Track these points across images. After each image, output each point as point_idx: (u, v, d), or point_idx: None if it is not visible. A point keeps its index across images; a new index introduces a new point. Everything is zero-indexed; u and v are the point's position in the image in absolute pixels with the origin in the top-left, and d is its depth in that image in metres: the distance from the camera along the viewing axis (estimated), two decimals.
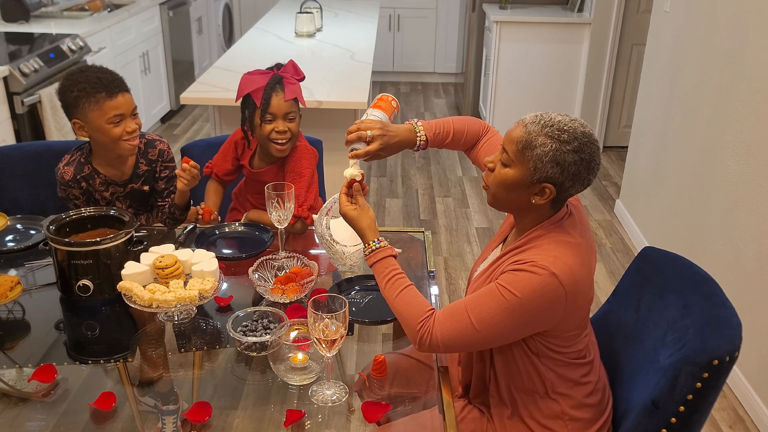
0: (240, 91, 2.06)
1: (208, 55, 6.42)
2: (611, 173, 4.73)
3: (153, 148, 2.13)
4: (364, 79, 3.30)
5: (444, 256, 3.63)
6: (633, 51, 4.80)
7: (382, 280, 1.47)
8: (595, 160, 1.40)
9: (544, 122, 1.39)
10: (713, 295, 1.48)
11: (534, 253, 1.40)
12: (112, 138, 1.96)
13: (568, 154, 1.37)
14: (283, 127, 2.05)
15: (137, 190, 2.11)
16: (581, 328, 1.48)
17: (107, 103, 1.93)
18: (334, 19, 4.78)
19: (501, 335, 1.39)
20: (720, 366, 1.34)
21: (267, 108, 2.03)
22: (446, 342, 1.38)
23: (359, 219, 1.54)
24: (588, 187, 1.44)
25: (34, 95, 3.35)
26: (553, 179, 1.39)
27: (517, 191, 1.43)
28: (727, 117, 2.75)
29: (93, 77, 1.94)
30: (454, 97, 6.43)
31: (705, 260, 2.86)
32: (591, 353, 1.54)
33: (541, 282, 1.34)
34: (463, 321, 1.37)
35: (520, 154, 1.40)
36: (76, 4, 4.70)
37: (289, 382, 1.45)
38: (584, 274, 1.40)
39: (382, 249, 1.50)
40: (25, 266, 1.88)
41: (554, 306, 1.36)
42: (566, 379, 1.49)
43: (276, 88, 2.04)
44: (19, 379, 1.47)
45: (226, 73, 3.33)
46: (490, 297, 1.37)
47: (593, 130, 1.42)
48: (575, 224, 1.47)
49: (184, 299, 1.55)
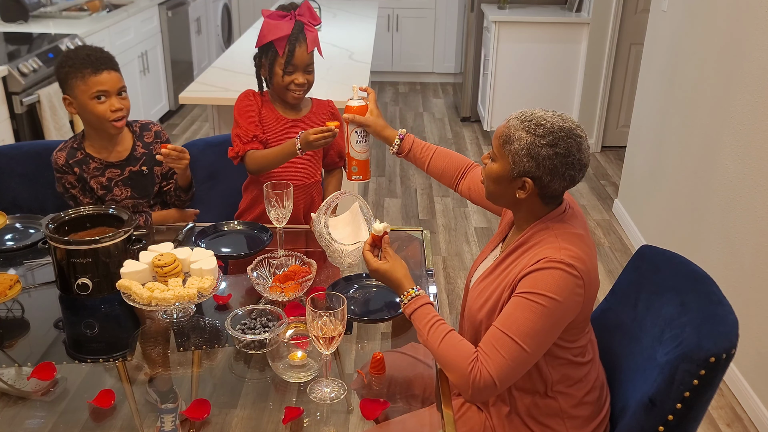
0: (262, 37, 2.03)
1: (207, 55, 6.42)
2: (609, 173, 4.74)
3: (148, 131, 2.15)
4: (363, 78, 3.30)
5: (443, 255, 3.64)
6: (631, 50, 4.81)
7: (424, 327, 1.45)
8: (573, 154, 1.40)
9: (525, 117, 1.42)
10: (710, 293, 1.49)
11: (542, 249, 1.41)
12: (96, 116, 1.98)
13: (542, 148, 1.39)
14: (302, 80, 2.07)
15: (136, 172, 2.11)
16: (587, 321, 1.50)
17: (91, 78, 1.95)
18: (332, 19, 4.79)
19: (544, 343, 1.39)
20: (717, 363, 1.35)
21: (291, 60, 2.02)
22: (500, 375, 1.35)
23: (394, 270, 1.52)
24: (574, 184, 1.44)
25: (33, 95, 3.36)
26: (531, 173, 1.41)
27: (503, 185, 1.46)
28: (724, 116, 2.76)
29: (83, 54, 1.98)
30: (452, 97, 6.44)
31: (702, 258, 2.86)
32: (591, 352, 1.55)
33: (563, 275, 1.36)
34: (508, 345, 1.36)
35: (502, 148, 1.44)
36: (75, 5, 4.71)
37: (288, 379, 1.45)
38: (593, 263, 1.43)
39: (420, 297, 1.49)
40: (25, 265, 1.88)
41: (578, 296, 1.38)
42: (566, 378, 1.50)
43: (299, 39, 2.02)
44: (18, 377, 1.47)
45: (224, 73, 3.33)
46: (524, 310, 1.37)
47: (581, 127, 1.45)
48: (575, 218, 1.48)
49: (183, 297, 1.56)
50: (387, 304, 1.70)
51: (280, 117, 2.15)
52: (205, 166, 2.41)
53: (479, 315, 1.50)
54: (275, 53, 2.03)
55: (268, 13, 2.04)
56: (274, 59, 2.04)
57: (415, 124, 5.71)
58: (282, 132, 2.14)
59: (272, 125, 2.14)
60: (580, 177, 1.44)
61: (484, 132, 5.42)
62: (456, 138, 5.38)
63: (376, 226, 1.56)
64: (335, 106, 2.26)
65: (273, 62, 2.05)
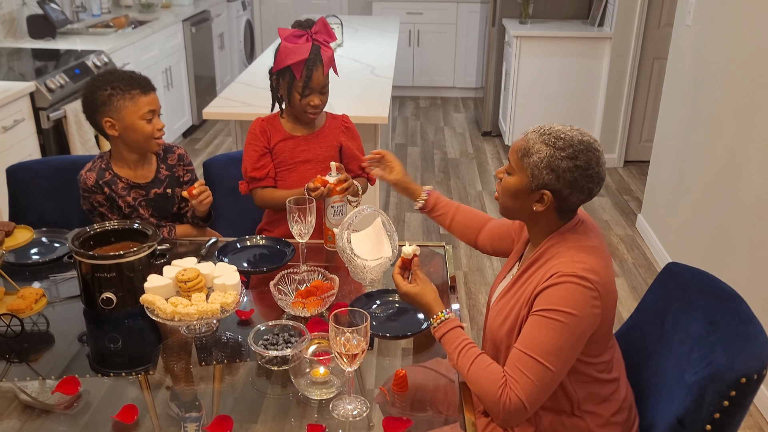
0: (280, 61, 2.06)
1: (229, 70, 6.49)
2: (633, 188, 4.70)
3: (172, 153, 2.20)
4: (385, 93, 3.31)
5: (464, 270, 3.62)
6: (654, 65, 4.77)
7: (454, 351, 1.45)
8: (592, 168, 1.40)
9: (543, 131, 1.43)
10: (739, 312, 1.46)
11: (554, 263, 1.41)
12: (144, 135, 2.03)
13: (562, 160, 1.39)
14: (318, 101, 2.10)
15: (160, 194, 2.14)
16: (609, 334, 1.48)
17: (141, 99, 2.02)
18: (354, 34, 4.81)
19: (568, 360, 1.38)
20: (747, 384, 1.32)
21: (308, 84, 2.06)
22: (529, 397, 1.34)
23: (424, 293, 1.52)
24: (591, 197, 1.44)
25: (59, 110, 3.41)
26: (550, 186, 1.41)
27: (521, 199, 1.46)
28: (750, 130, 2.72)
29: (125, 76, 2.04)
30: (473, 112, 6.43)
31: (729, 276, 2.81)
32: (616, 370, 1.53)
33: (578, 289, 1.35)
34: (533, 366, 1.35)
35: (520, 161, 1.44)
36: (102, 21, 4.79)
37: (310, 396, 1.45)
38: (608, 274, 1.42)
39: (450, 320, 1.48)
40: (50, 279, 1.90)
41: (594, 308, 1.37)
42: (593, 396, 1.47)
43: (316, 63, 2.05)
44: (42, 390, 1.48)
45: (247, 89, 3.36)
46: (543, 328, 1.36)
47: (597, 141, 1.45)
48: (588, 230, 1.47)
49: (206, 312, 1.56)
50: (409, 319, 1.69)
51: (295, 134, 2.19)
52: (227, 181, 2.43)
53: (500, 333, 1.50)
54: (293, 77, 2.06)
55: (285, 35, 2.06)
56: (291, 83, 2.08)
57: (436, 138, 5.71)
58: (296, 147, 2.18)
59: (286, 142, 2.18)
60: (597, 190, 1.44)
61: (505, 146, 5.40)
62: (477, 152, 5.37)
63: (406, 248, 1.56)
64: (349, 120, 2.27)
65: (291, 86, 2.08)
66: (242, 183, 2.21)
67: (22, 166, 2.40)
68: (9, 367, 1.56)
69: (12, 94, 3.13)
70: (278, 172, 2.19)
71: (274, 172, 2.19)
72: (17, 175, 2.37)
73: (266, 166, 2.17)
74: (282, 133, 2.18)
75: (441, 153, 5.38)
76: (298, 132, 2.19)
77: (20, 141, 3.22)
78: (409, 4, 6.61)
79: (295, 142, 2.18)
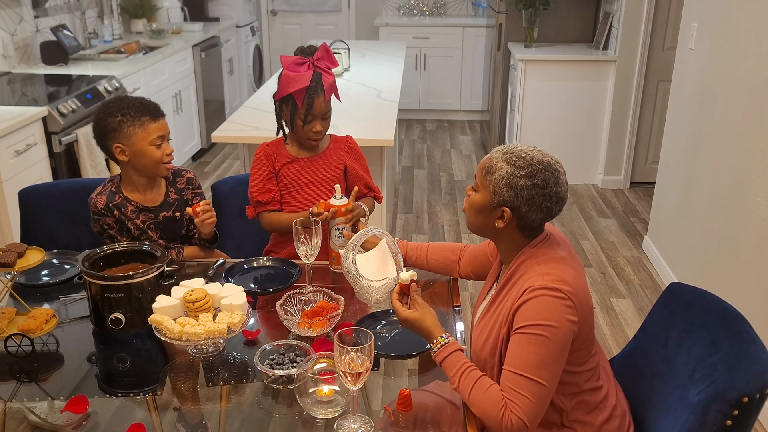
0: (282, 89, 2.10)
1: (238, 94, 6.57)
2: (639, 209, 4.70)
3: (181, 177, 2.23)
4: (391, 116, 3.35)
5: (470, 291, 3.63)
6: (659, 87, 4.81)
7: (455, 375, 1.47)
8: (550, 186, 1.45)
9: (507, 150, 1.49)
10: (742, 332, 1.47)
11: (526, 279, 1.45)
12: (153, 160, 2.07)
13: (521, 178, 1.44)
14: (320, 127, 2.15)
15: (169, 218, 2.17)
16: (590, 341, 1.51)
17: (151, 125, 2.05)
18: (361, 59, 4.88)
19: (557, 371, 1.41)
20: (750, 403, 1.32)
21: (310, 111, 2.09)
22: (529, 416, 1.37)
23: (423, 319, 1.54)
24: (551, 216, 1.48)
25: (71, 134, 3.47)
26: (509, 203, 1.46)
27: (483, 215, 1.51)
28: (754, 152, 2.74)
29: (135, 103, 2.07)
30: (480, 134, 6.47)
31: (734, 296, 2.81)
32: (603, 377, 1.54)
33: (549, 300, 1.39)
34: (526, 385, 1.38)
35: (484, 178, 1.49)
36: (113, 47, 4.87)
37: (315, 415, 1.46)
38: (578, 282, 1.45)
39: (450, 344, 1.51)
40: (60, 300, 1.93)
41: (570, 316, 1.40)
42: (581, 405, 1.49)
43: (317, 91, 2.09)
44: (51, 411, 1.50)
45: (255, 113, 3.41)
46: (526, 344, 1.39)
47: (559, 162, 1.51)
48: (555, 243, 1.52)
49: (213, 332, 1.58)
50: (414, 340, 1.70)
51: (299, 156, 2.23)
52: (235, 203, 2.46)
53: (483, 353, 1.54)
54: (294, 104, 2.10)
55: (286, 63, 2.11)
56: (293, 110, 2.12)
57: (442, 161, 5.75)
58: (301, 169, 2.22)
59: (291, 165, 2.22)
60: (557, 210, 1.49)
61: None
62: None
63: (403, 275, 1.58)
64: (353, 141, 2.31)
65: (293, 113, 2.13)
66: (249, 207, 2.25)
67: (34, 189, 2.45)
68: (19, 387, 1.58)
69: (25, 118, 3.19)
70: (284, 194, 2.23)
71: (279, 195, 2.22)
72: (29, 198, 2.41)
73: (272, 190, 2.21)
74: (287, 157, 2.22)
75: (447, 175, 5.41)
76: (302, 154, 2.23)
77: (32, 164, 3.28)
78: (415, 29, 6.69)
79: (300, 165, 2.22)
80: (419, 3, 7.05)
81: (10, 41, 4.16)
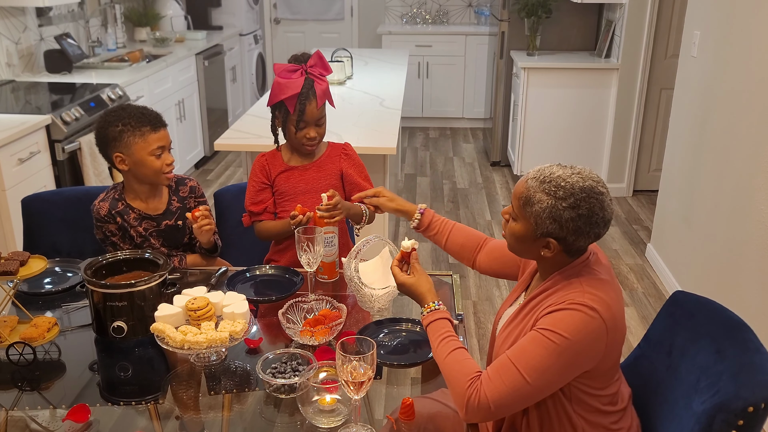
0: (273, 96, 2.12)
1: (241, 102, 6.58)
2: (642, 217, 4.69)
3: (183, 186, 2.23)
4: (393, 124, 3.35)
5: (473, 299, 3.62)
6: (662, 95, 4.81)
7: (436, 339, 1.47)
8: (596, 214, 1.39)
9: (543, 177, 1.41)
10: (747, 341, 1.46)
11: (568, 292, 1.41)
12: (153, 170, 2.07)
13: (564, 210, 1.38)
14: (314, 134, 2.15)
15: (171, 226, 2.17)
16: (615, 368, 1.48)
17: (151, 135, 2.05)
18: (364, 67, 4.89)
19: (551, 382, 1.38)
20: (755, 413, 1.31)
21: (302, 117, 2.10)
22: (497, 401, 1.35)
23: (419, 284, 1.56)
24: (599, 239, 1.44)
25: (74, 142, 3.47)
26: (554, 234, 1.41)
27: (527, 244, 1.47)
28: (758, 159, 2.73)
29: (136, 112, 2.07)
30: (482, 142, 6.48)
31: (739, 305, 2.80)
32: (623, 401, 1.52)
33: (584, 318, 1.36)
34: (512, 375, 1.36)
35: (522, 209, 1.44)
36: (117, 56, 4.89)
37: (318, 424, 1.45)
38: (619, 309, 1.42)
39: (439, 311, 1.52)
40: (62, 308, 1.93)
41: (598, 341, 1.37)
42: (597, 426, 1.47)
43: (309, 97, 2.09)
44: (52, 419, 1.50)
45: (258, 121, 3.41)
46: (536, 344, 1.37)
47: (602, 182, 1.43)
48: (599, 264, 1.48)
49: (215, 341, 1.58)
50: (417, 348, 1.70)
51: (294, 164, 2.24)
52: (237, 211, 2.46)
53: None
54: (287, 111, 2.11)
55: (279, 70, 2.12)
56: (286, 117, 2.13)
57: (445, 168, 5.75)
58: (296, 178, 2.23)
59: (285, 174, 2.23)
60: (605, 231, 1.44)
61: (514, 176, 5.43)
62: (486, 182, 5.40)
63: (405, 243, 1.61)
64: (350, 148, 2.31)
65: (286, 120, 2.14)
66: (245, 216, 2.28)
67: (37, 197, 2.45)
68: (21, 395, 1.57)
69: (28, 126, 3.20)
70: (279, 203, 2.24)
71: (272, 206, 2.24)
72: (32, 206, 2.42)
73: (264, 201, 2.23)
74: (281, 165, 2.23)
75: (450, 183, 5.41)
76: (297, 162, 2.24)
77: (36, 172, 3.28)
78: (418, 37, 6.71)
79: (294, 173, 2.23)
80: (422, 11, 7.07)
81: (15, 49, 4.18)
